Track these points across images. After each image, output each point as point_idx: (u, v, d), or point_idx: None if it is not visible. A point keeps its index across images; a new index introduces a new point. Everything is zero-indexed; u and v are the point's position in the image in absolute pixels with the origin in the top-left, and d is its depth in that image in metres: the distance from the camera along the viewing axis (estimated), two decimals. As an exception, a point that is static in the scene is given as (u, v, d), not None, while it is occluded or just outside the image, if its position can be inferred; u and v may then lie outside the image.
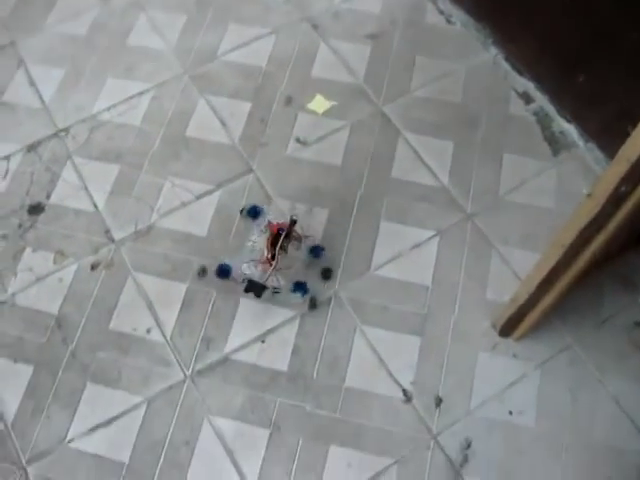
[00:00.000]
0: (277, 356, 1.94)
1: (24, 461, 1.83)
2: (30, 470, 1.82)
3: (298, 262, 2.04)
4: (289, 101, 2.36)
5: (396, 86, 2.38)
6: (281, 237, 1.92)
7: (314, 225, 2.12)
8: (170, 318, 2.00)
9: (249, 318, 2.00)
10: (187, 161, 2.25)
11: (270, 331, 1.98)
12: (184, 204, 2.18)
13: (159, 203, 2.18)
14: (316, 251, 2.06)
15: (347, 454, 1.83)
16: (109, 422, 1.88)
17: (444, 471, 1.82)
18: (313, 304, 2.00)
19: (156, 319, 2.00)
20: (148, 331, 1.98)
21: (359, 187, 2.19)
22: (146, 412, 1.88)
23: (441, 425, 1.87)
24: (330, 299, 2.02)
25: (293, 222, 1.94)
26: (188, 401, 1.90)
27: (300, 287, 1.99)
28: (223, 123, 2.32)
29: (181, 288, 2.04)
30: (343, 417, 1.87)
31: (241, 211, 2.13)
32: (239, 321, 1.99)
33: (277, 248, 1.91)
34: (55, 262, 2.09)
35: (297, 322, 1.99)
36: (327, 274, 2.04)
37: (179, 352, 1.95)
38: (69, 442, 1.85)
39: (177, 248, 2.10)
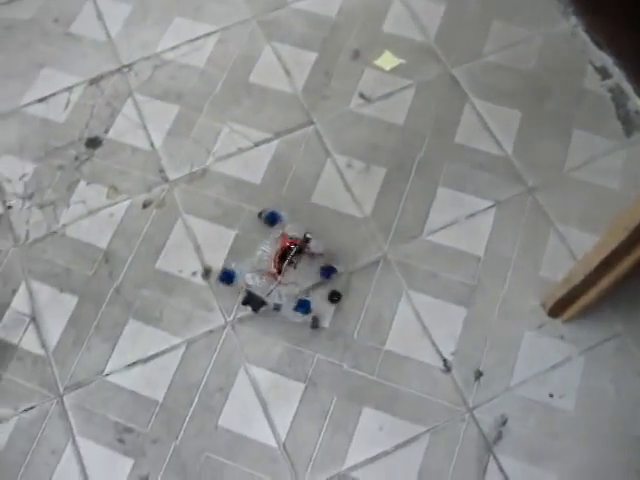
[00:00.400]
0: (319, 312, 1.93)
1: (61, 389, 1.86)
2: (66, 399, 1.85)
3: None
4: (356, 55, 2.30)
5: (468, 49, 2.30)
6: (291, 252, 1.88)
7: (370, 183, 2.08)
8: (216, 263, 2.00)
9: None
10: (247, 107, 2.22)
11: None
12: (241, 150, 2.15)
13: (216, 147, 2.16)
14: (327, 272, 1.97)
15: (380, 417, 1.82)
16: (147, 360, 1.89)
17: (476, 445, 1.79)
18: (315, 324, 1.91)
19: (202, 263, 2.00)
20: (193, 274, 1.98)
21: (419, 149, 2.14)
22: (184, 354, 1.89)
23: (478, 399, 1.84)
24: (379, 260, 1.99)
25: (307, 239, 1.90)
26: (226, 348, 1.90)
27: (303, 305, 1.90)
28: (287, 72, 2.28)
29: (230, 234, 2.03)
30: (380, 380, 1.86)
31: (259, 214, 2.04)
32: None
33: (284, 264, 1.88)
34: (108, 197, 2.10)
35: (343, 280, 1.96)
36: (334, 297, 1.95)
37: (222, 298, 1.95)
38: (107, 375, 1.88)
39: (230, 194, 2.09)
